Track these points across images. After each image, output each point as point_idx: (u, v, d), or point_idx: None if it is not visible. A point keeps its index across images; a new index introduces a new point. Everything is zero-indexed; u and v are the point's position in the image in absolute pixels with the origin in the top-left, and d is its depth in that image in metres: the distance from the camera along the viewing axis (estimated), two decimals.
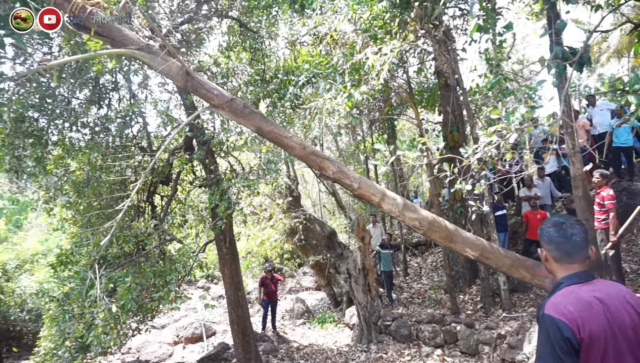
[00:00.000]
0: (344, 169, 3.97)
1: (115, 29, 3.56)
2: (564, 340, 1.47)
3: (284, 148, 4.16)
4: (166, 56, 3.77)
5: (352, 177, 3.86)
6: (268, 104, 7.05)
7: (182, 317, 14.60)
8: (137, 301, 6.03)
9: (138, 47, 3.65)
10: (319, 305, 13.81)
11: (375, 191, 3.86)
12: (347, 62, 6.92)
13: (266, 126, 3.92)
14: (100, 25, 3.43)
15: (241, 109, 3.86)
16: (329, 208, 20.52)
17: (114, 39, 3.60)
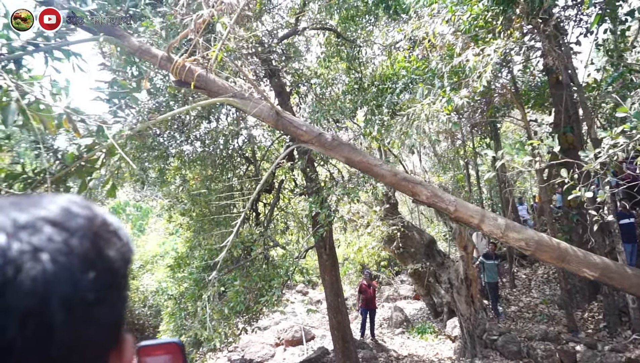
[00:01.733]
0: (437, 193, 3.88)
1: (211, 81, 3.97)
2: None
3: (375, 176, 4.19)
4: (257, 99, 4.07)
5: (447, 200, 3.75)
6: (366, 112, 7.11)
7: (282, 320, 15.18)
8: (245, 304, 6.45)
9: (232, 94, 3.99)
10: (417, 315, 13.46)
11: (473, 213, 3.71)
12: (446, 66, 6.72)
13: (355, 156, 3.99)
14: (198, 80, 3.87)
15: (330, 142, 3.98)
16: (427, 216, 19.94)
17: (210, 90, 4.02)
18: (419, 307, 14.20)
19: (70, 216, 0.47)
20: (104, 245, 0.48)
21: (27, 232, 0.43)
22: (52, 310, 0.40)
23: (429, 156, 17.53)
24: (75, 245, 0.45)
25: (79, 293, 0.43)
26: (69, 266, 0.43)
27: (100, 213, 0.51)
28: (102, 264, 0.47)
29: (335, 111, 6.50)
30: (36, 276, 0.40)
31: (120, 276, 0.50)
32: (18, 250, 0.41)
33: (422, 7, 7.60)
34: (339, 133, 7.71)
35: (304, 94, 7.92)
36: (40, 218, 0.45)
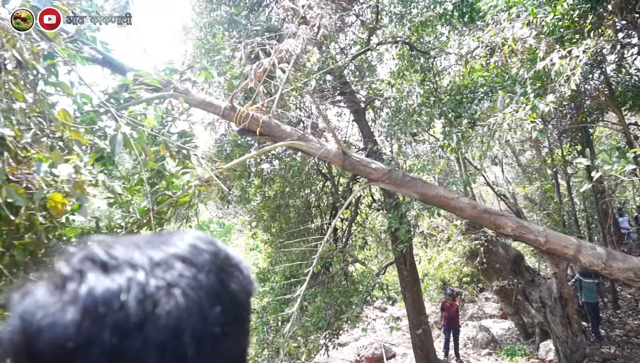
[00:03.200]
0: (523, 224, 3.66)
1: (274, 127, 4.11)
2: None
3: (452, 210, 4.04)
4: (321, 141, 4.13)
5: (536, 231, 3.52)
6: (444, 123, 6.94)
7: (361, 336, 15.00)
8: (326, 319, 6.50)
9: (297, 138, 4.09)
10: (505, 335, 12.63)
11: (567, 243, 3.44)
12: (529, 71, 6.38)
13: (429, 190, 3.89)
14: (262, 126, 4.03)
15: (401, 179, 3.92)
16: None
17: (274, 135, 4.15)
18: (506, 327, 13.33)
19: (197, 252, 0.50)
20: (228, 279, 0.51)
21: (161, 269, 0.46)
22: (185, 343, 0.43)
23: (512, 166, 16.59)
24: (203, 280, 0.47)
25: (208, 327, 0.45)
26: (198, 300, 0.45)
27: (223, 248, 0.55)
28: (227, 298, 0.49)
29: (412, 123, 6.43)
30: (170, 311, 0.43)
31: (243, 309, 0.53)
32: (154, 285, 0.44)
33: (499, 12, 7.32)
34: (416, 146, 7.60)
35: (379, 109, 7.93)
36: (172, 255, 0.48)
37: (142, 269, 0.45)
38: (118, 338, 0.39)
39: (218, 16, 7.52)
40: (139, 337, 0.40)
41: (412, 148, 7.31)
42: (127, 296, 0.41)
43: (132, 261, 0.45)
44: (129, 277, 0.43)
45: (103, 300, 0.41)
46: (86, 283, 0.42)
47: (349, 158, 4.09)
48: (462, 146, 6.68)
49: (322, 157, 4.12)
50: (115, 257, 0.45)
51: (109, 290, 0.42)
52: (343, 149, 4.10)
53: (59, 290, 0.42)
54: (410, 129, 6.65)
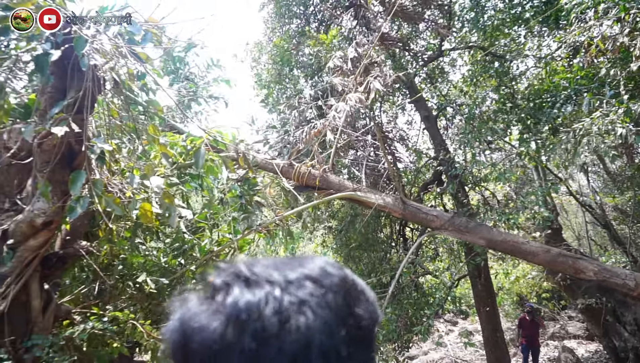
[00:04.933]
0: (606, 267, 3.35)
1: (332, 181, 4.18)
2: None
3: (523, 255, 3.81)
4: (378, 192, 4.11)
5: (624, 274, 3.20)
6: (521, 130, 6.58)
7: (430, 350, 14.49)
8: (396, 332, 6.36)
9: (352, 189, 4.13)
10: (593, 359, 11.60)
11: None
12: (622, 72, 5.86)
13: (496, 236, 3.70)
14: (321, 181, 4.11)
15: (464, 225, 3.77)
16: (599, 242, 17.27)
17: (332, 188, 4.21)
18: (593, 349, 12.24)
19: (326, 275, 0.54)
20: (353, 302, 0.53)
21: (294, 287, 0.50)
22: (313, 356, 0.46)
23: (598, 174, 15.30)
24: (331, 300, 0.50)
25: (333, 345, 0.47)
26: (326, 318, 0.48)
27: (350, 274, 0.57)
28: (352, 320, 0.51)
29: (487, 131, 6.15)
30: (300, 325, 0.46)
31: (367, 333, 0.53)
32: (288, 301, 0.48)
33: (585, 9, 6.82)
34: (491, 154, 7.26)
35: (452, 116, 7.69)
36: (304, 275, 0.52)
37: (279, 286, 0.50)
38: (256, 345, 0.44)
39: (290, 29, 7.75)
40: (274, 345, 0.45)
41: (486, 157, 6.99)
42: (265, 308, 0.47)
43: (270, 278, 0.50)
44: (267, 292, 0.48)
45: (245, 310, 0.46)
46: (231, 294, 0.48)
47: (409, 206, 4.03)
48: (542, 153, 6.28)
49: (380, 207, 4.14)
50: (257, 274, 0.51)
51: (250, 301, 0.47)
52: (402, 198, 4.06)
53: (210, 300, 0.50)
54: (485, 136, 6.37)
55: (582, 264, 3.37)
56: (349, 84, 4.51)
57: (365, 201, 4.18)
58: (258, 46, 8.38)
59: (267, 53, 8.09)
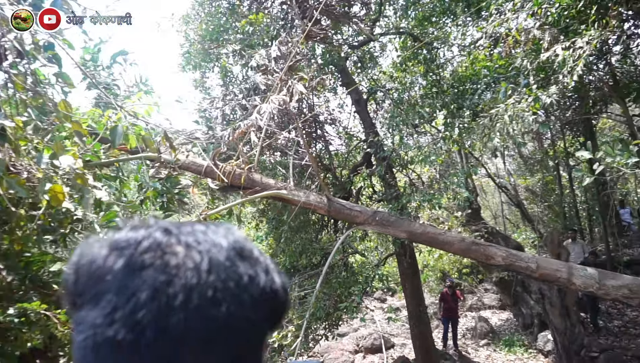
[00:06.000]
0: (513, 252, 3.69)
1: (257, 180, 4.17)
2: None
3: (441, 245, 4.05)
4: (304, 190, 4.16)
5: (526, 257, 3.56)
6: (445, 115, 6.91)
7: (360, 327, 15.09)
8: (325, 310, 6.53)
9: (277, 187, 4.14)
10: (504, 326, 12.70)
11: (559, 267, 3.46)
12: (532, 63, 6.33)
13: (416, 228, 3.91)
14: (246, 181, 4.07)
15: (387, 219, 3.94)
16: (513, 221, 18.81)
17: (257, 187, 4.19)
18: (505, 318, 13.41)
19: (219, 231, 0.56)
20: (241, 261, 0.53)
21: (182, 232, 0.53)
22: (176, 294, 0.47)
23: (513, 158, 16.56)
24: (213, 250, 0.52)
25: (202, 290, 0.48)
26: (198, 263, 0.49)
27: (249, 243, 0.58)
28: (235, 275, 0.51)
29: (414, 115, 6.40)
30: (173, 263, 0.49)
31: (253, 298, 0.52)
32: (168, 241, 0.51)
33: (504, 2, 7.25)
34: (418, 138, 7.58)
35: (381, 100, 7.90)
36: (195, 226, 0.55)
37: (161, 229, 0.52)
38: (127, 270, 0.48)
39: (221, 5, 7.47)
40: (142, 276, 0.47)
41: (413, 140, 7.29)
42: (144, 243, 0.50)
43: (155, 224, 0.54)
44: (149, 233, 0.51)
45: (125, 241, 0.50)
46: (119, 234, 0.52)
47: (333, 203, 4.11)
48: (463, 138, 6.66)
49: (305, 205, 4.17)
50: (144, 223, 0.54)
51: (132, 237, 0.51)
52: (327, 196, 4.12)
53: (101, 241, 0.53)
54: (412, 120, 6.62)
55: (492, 251, 3.67)
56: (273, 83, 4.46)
57: (290, 199, 4.19)
58: (185, 18, 8.00)
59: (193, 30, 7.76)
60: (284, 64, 4.47)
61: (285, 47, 5.06)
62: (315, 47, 7.18)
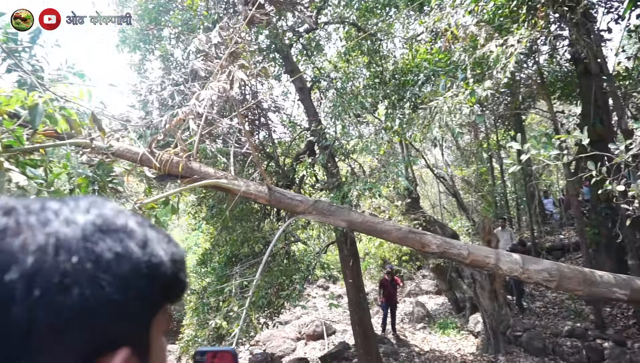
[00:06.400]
0: (447, 239, 3.85)
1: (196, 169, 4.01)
2: None
3: (379, 234, 4.13)
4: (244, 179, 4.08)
5: (459, 245, 3.73)
6: (387, 106, 7.04)
7: (303, 314, 15.25)
8: (266, 298, 6.50)
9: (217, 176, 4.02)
10: (439, 310, 13.35)
11: (487, 253, 3.68)
12: (469, 58, 6.59)
13: (356, 217, 3.97)
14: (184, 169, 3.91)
15: (327, 208, 3.97)
16: (450, 210, 19.69)
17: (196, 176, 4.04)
18: (440, 302, 14.09)
19: (83, 203, 0.51)
20: (108, 234, 0.48)
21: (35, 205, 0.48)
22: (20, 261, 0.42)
23: (451, 149, 17.27)
24: (72, 222, 0.47)
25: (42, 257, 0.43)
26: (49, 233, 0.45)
27: (127, 219, 0.52)
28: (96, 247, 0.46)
29: (357, 105, 6.46)
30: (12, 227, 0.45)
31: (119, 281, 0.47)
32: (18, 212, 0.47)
33: None
34: (360, 127, 7.67)
35: (325, 89, 7.90)
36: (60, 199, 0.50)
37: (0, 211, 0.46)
38: None
39: None
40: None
41: (356, 129, 7.37)
42: None
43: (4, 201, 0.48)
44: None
45: None
46: None
47: (274, 193, 4.06)
48: (404, 129, 6.82)
49: (246, 194, 4.06)
50: None
51: None
52: (268, 185, 4.06)
53: None
54: (355, 110, 6.68)
55: (427, 239, 3.80)
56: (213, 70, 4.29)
57: (230, 188, 4.07)
58: None
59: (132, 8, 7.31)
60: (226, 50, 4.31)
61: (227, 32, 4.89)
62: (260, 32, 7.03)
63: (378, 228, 3.96)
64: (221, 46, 4.82)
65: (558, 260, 12.11)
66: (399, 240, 4.01)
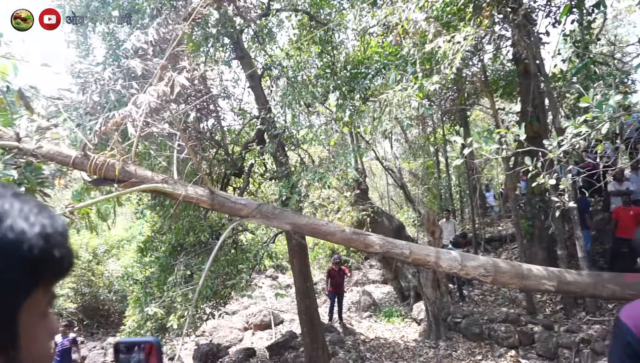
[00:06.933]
0: (389, 239, 3.93)
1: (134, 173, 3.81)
2: (625, 344, 1.45)
3: (323, 236, 4.14)
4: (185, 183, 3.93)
5: (401, 244, 3.83)
6: (338, 97, 7.05)
7: (251, 305, 15.16)
8: (212, 288, 6.37)
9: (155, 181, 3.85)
10: (385, 299, 13.70)
11: (428, 252, 3.81)
12: (418, 52, 6.73)
13: (300, 220, 3.96)
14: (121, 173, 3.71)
15: (271, 211, 3.93)
16: (397, 201, 20.22)
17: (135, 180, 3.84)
18: (386, 291, 14.46)
19: None
20: None
21: None
22: None
23: (400, 142, 17.68)
24: None
25: None
26: None
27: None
28: None
29: (307, 94, 6.42)
30: None
31: None
32: None
33: None
34: (311, 117, 7.65)
35: (276, 77, 7.79)
36: None
37: None
38: None
39: None
40: None
41: (307, 119, 7.34)
42: None
43: None
44: None
45: None
46: None
47: (217, 196, 3.93)
48: (354, 120, 6.87)
49: (187, 199, 3.90)
50: None
51: None
52: (210, 188, 3.93)
53: None
54: (305, 100, 6.64)
55: (370, 239, 3.86)
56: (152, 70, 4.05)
57: (170, 193, 3.88)
58: None
59: None
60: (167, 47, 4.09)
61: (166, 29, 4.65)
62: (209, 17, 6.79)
63: (322, 230, 3.97)
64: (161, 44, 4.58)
65: (496, 250, 12.79)
66: (343, 241, 4.04)
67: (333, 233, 3.95)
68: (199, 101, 6.17)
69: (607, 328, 6.36)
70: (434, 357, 7.82)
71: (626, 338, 1.44)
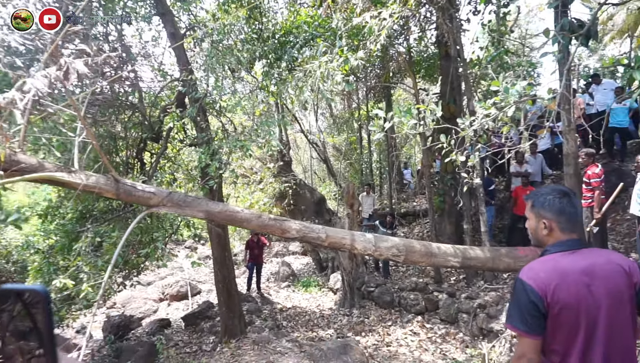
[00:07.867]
0: (307, 224, 3.95)
1: (23, 161, 3.33)
2: (530, 303, 1.53)
3: (239, 223, 4.03)
4: (85, 171, 3.56)
5: (317, 229, 3.86)
6: (264, 65, 6.87)
7: (168, 275, 14.75)
8: (123, 257, 6.04)
9: (54, 168, 3.44)
10: (304, 270, 14.01)
11: (344, 235, 3.89)
12: (346, 26, 6.73)
13: (214, 207, 3.83)
14: (7, 162, 3.23)
15: (183, 199, 3.75)
16: (320, 175, 20.51)
17: (24, 169, 3.37)
18: (305, 262, 14.78)
19: None
20: None
21: None
22: None
23: (325, 116, 17.82)
24: None
25: None
26: None
27: None
28: None
29: (232, 58, 6.17)
30: None
31: None
32: None
33: None
34: (235, 84, 7.38)
35: (200, 39, 7.38)
36: None
37: None
38: None
39: None
40: None
41: (231, 86, 7.07)
42: None
43: None
44: None
45: None
46: None
47: (122, 185, 3.61)
48: (280, 90, 6.76)
49: (87, 188, 3.50)
50: None
51: None
52: (115, 177, 3.58)
53: None
54: (230, 64, 6.39)
55: (287, 225, 3.86)
56: (46, 49, 3.53)
57: (67, 182, 3.46)
58: None
59: None
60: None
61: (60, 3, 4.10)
62: None
63: (238, 217, 3.88)
64: None
65: (410, 224, 13.52)
66: (259, 227, 3.98)
67: (249, 219, 3.87)
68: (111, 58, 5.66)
69: (500, 294, 7.04)
70: (347, 324, 8.17)
71: (529, 297, 1.52)
